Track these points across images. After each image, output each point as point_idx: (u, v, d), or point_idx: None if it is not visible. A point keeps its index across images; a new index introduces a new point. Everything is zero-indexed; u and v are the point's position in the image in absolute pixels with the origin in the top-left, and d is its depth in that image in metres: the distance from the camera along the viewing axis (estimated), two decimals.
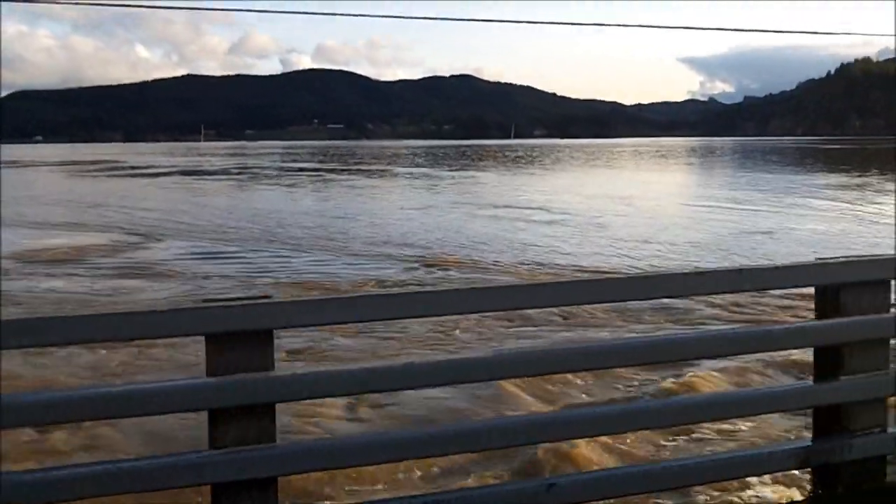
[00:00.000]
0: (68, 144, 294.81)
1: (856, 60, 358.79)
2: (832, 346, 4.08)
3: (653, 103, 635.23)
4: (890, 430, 4.17)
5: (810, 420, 4.19)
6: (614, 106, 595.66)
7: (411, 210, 25.91)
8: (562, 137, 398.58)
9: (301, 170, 61.03)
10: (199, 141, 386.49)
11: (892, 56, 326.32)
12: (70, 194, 34.43)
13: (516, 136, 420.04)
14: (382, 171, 58.62)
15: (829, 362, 4.11)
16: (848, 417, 4.07)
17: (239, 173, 55.60)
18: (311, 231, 20.18)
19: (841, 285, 4.04)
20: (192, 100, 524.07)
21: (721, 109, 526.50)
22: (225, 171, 58.86)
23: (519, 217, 23.15)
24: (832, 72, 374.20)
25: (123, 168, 66.83)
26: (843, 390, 4.04)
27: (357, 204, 28.54)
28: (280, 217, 23.77)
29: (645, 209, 25.20)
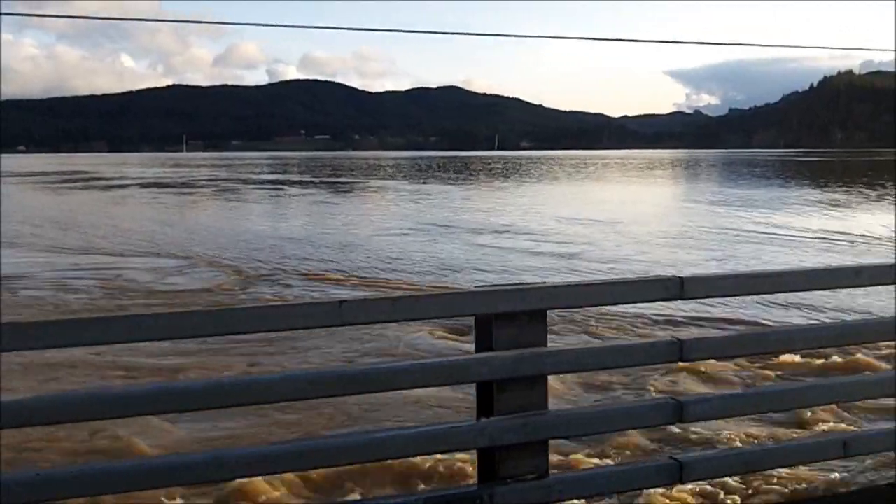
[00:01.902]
0: (52, 155, 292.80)
1: (838, 73, 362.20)
2: (486, 383, 3.68)
3: (639, 115, 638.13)
4: (552, 475, 3.76)
5: None
6: (601, 118, 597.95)
7: (400, 235, 22.69)
8: (548, 149, 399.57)
9: (276, 182, 59.48)
10: (182, 151, 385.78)
11: (874, 69, 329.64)
12: (28, 210, 32.78)
13: (502, 148, 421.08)
14: (363, 185, 56.32)
15: (484, 400, 3.72)
16: (500, 462, 3.67)
17: (213, 187, 53.54)
18: (303, 262, 17.33)
19: (493, 315, 3.63)
20: (178, 110, 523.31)
21: (706, 121, 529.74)
22: (190, 185, 56.90)
23: (530, 248, 19.33)
24: (815, 84, 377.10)
25: (92, 179, 65.83)
26: (493, 431, 3.62)
27: (338, 226, 25.48)
28: (259, 239, 21.63)
29: (663, 235, 22.19)
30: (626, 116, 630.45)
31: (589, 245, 19.72)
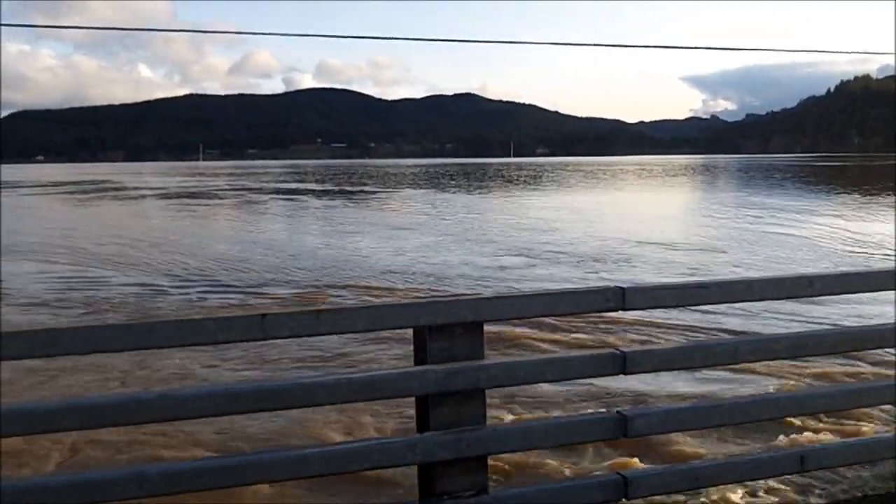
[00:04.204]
0: (70, 165, 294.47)
1: (855, 78, 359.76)
2: (422, 398, 3.59)
3: (655, 121, 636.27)
4: (492, 492, 3.66)
5: None
6: (617, 124, 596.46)
7: (527, 267, 18.07)
8: (565, 155, 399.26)
9: (291, 191, 58.38)
10: (199, 160, 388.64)
11: (891, 73, 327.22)
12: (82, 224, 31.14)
13: (518, 155, 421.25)
14: (395, 195, 52.59)
15: (421, 415, 3.63)
16: (437, 478, 3.57)
17: (245, 198, 50.87)
18: None
19: (427, 328, 3.54)
20: (194, 119, 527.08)
21: (723, 127, 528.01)
22: (223, 196, 54.62)
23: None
24: (832, 89, 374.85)
25: (119, 190, 65.33)
26: (425, 447, 3.53)
27: (421, 250, 21.13)
28: (284, 258, 19.38)
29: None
30: (642, 122, 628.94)
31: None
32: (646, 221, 29.52)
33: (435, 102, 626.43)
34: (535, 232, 25.43)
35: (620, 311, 3.66)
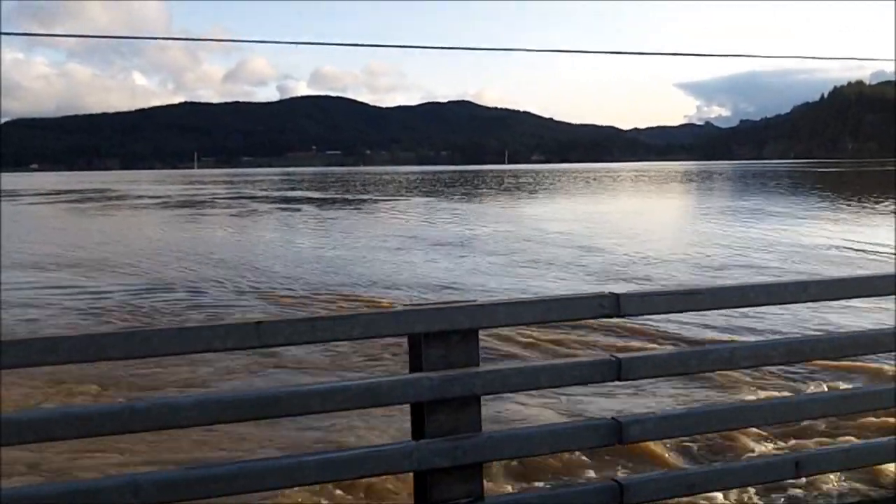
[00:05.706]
0: (66, 173, 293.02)
1: (849, 83, 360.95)
2: (417, 405, 3.58)
3: (650, 127, 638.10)
4: (488, 497, 3.65)
5: None
6: (611, 130, 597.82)
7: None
8: (559, 162, 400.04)
9: (296, 200, 57.56)
10: (194, 168, 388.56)
11: (885, 79, 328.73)
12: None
13: (513, 162, 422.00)
14: (408, 204, 50.71)
15: (417, 422, 3.62)
16: (432, 486, 3.56)
17: (248, 207, 49.25)
18: None
19: (423, 335, 3.54)
20: (190, 127, 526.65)
21: (717, 133, 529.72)
22: (235, 205, 52.45)
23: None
24: (826, 95, 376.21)
25: (123, 198, 64.99)
26: (420, 455, 3.51)
27: (441, 267, 19.13)
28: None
29: None
30: (636, 129, 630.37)
31: None
32: (673, 238, 26.34)
33: (430, 109, 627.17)
34: (583, 249, 22.20)
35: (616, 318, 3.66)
